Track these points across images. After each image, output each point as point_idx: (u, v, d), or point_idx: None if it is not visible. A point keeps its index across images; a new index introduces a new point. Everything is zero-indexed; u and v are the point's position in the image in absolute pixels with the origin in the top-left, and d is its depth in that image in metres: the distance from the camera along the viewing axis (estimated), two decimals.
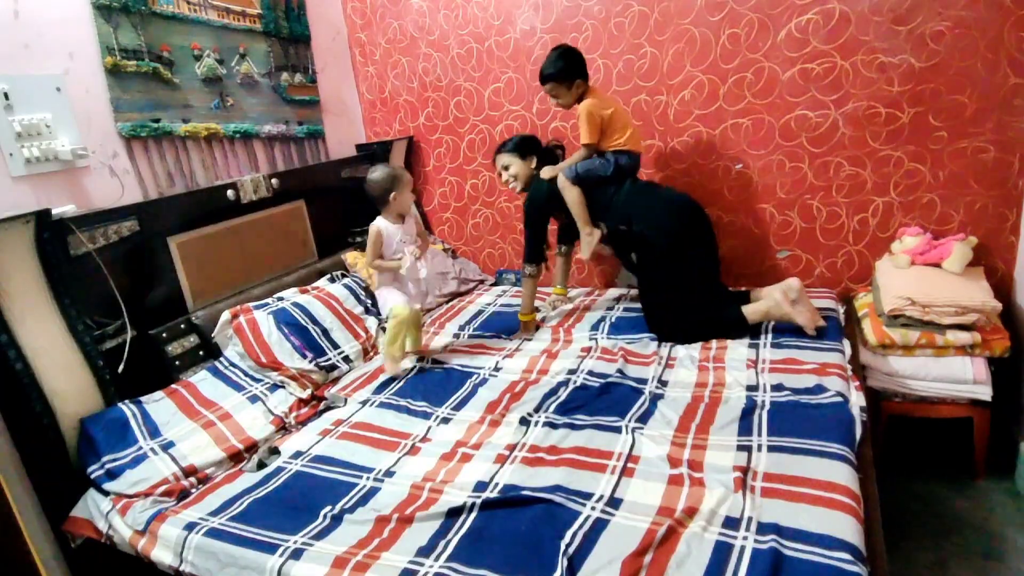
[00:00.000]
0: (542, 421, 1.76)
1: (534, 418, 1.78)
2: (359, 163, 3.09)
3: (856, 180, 2.38)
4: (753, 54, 2.39)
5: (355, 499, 1.53)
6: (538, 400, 1.88)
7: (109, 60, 2.03)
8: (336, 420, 1.93)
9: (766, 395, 1.75)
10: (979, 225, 2.25)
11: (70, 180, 1.94)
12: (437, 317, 2.72)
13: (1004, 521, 1.89)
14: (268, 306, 2.28)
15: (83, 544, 1.69)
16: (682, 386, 1.88)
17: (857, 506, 1.26)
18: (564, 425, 1.73)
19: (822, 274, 2.55)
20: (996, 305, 1.96)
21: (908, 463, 2.18)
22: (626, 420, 1.70)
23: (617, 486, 1.44)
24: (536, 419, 1.78)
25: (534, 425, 1.75)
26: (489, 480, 1.52)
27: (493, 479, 1.53)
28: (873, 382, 2.07)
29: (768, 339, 2.08)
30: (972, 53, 2.11)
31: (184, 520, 1.51)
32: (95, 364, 1.82)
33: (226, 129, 2.46)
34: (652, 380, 1.93)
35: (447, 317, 2.71)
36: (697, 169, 2.63)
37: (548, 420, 1.76)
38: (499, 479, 1.52)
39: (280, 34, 2.73)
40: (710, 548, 1.21)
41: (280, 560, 1.33)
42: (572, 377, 2.00)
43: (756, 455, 1.48)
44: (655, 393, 1.86)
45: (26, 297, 1.69)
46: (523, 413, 1.81)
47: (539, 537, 1.29)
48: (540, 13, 2.72)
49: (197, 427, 1.82)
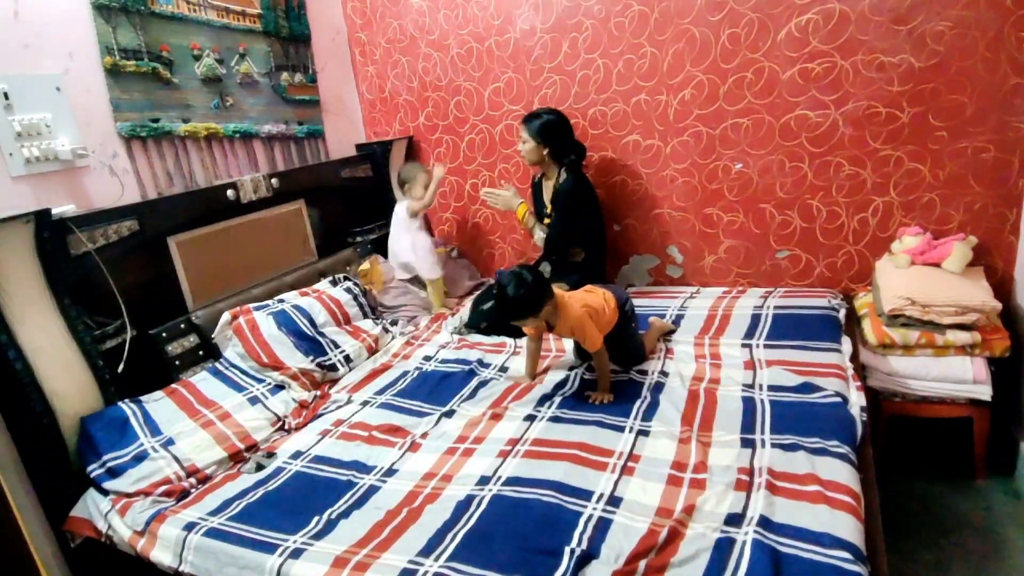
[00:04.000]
0: (548, 416, 1.77)
1: (541, 412, 1.79)
2: (359, 163, 3.09)
3: (856, 180, 2.38)
4: (753, 54, 2.39)
5: (355, 498, 1.53)
6: (538, 399, 1.89)
7: (109, 60, 2.03)
8: (336, 420, 1.93)
9: (764, 393, 1.75)
10: (979, 225, 2.24)
11: (70, 180, 1.94)
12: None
13: (1004, 521, 1.89)
14: (268, 307, 2.28)
15: (83, 544, 1.69)
16: (679, 380, 1.90)
17: (857, 505, 1.26)
18: (568, 420, 1.74)
19: (822, 274, 2.55)
20: (996, 305, 1.96)
21: (908, 463, 2.18)
22: (630, 419, 1.71)
23: (617, 485, 1.44)
24: (542, 414, 1.79)
25: (539, 420, 1.76)
26: (492, 474, 1.53)
27: (496, 472, 1.54)
28: (873, 382, 2.07)
29: (762, 339, 2.09)
30: (972, 53, 2.10)
31: (184, 520, 1.51)
32: (95, 364, 1.82)
33: (226, 129, 2.46)
34: (653, 373, 1.94)
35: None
36: (697, 169, 2.63)
37: (554, 416, 1.77)
38: (502, 472, 1.53)
39: (280, 34, 2.73)
40: (711, 546, 1.21)
41: (280, 560, 1.32)
42: (570, 374, 2.02)
43: (760, 452, 1.48)
44: (655, 385, 1.88)
45: (26, 297, 1.69)
46: (526, 410, 1.83)
47: (541, 538, 1.29)
48: (540, 13, 2.72)
49: (197, 426, 1.82)
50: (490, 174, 3.09)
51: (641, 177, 2.75)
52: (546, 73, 2.79)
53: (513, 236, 3.17)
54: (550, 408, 1.83)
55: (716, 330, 2.22)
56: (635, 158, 2.73)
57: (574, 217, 2.50)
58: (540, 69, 2.80)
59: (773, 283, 2.63)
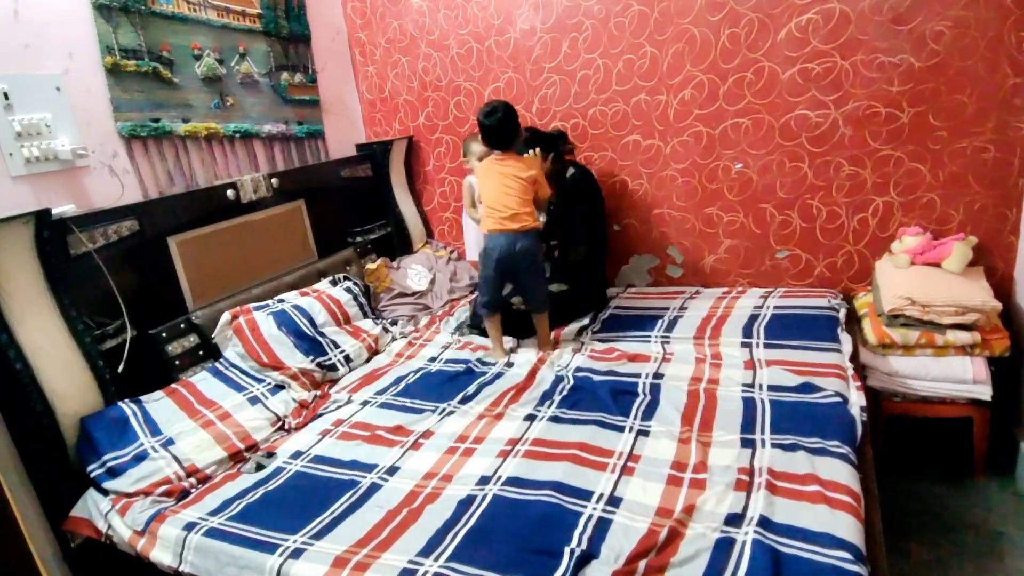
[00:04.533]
0: (547, 416, 1.77)
1: (541, 412, 1.79)
2: (359, 163, 3.09)
3: (856, 180, 2.38)
4: (753, 54, 2.39)
5: (356, 497, 1.53)
6: (538, 399, 1.89)
7: (109, 60, 2.03)
8: (336, 420, 1.93)
9: (764, 393, 1.75)
10: (979, 225, 2.25)
11: (70, 180, 1.94)
12: None
13: (1004, 521, 1.89)
14: (268, 307, 2.28)
15: (83, 544, 1.69)
16: (679, 380, 1.89)
17: (857, 505, 1.26)
18: (569, 420, 1.74)
19: (822, 274, 2.55)
20: (996, 305, 1.96)
21: (908, 463, 2.18)
22: (630, 419, 1.71)
23: (617, 485, 1.44)
24: (542, 414, 1.79)
25: (539, 420, 1.76)
26: (492, 474, 1.53)
27: (496, 472, 1.54)
28: (873, 382, 2.07)
29: (762, 339, 2.09)
30: (972, 53, 2.11)
31: (184, 520, 1.51)
32: (95, 364, 1.82)
33: (226, 129, 2.46)
34: (648, 376, 1.94)
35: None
36: (697, 169, 2.63)
37: (553, 415, 1.77)
38: (502, 472, 1.53)
39: (280, 34, 2.73)
40: (711, 546, 1.21)
41: (280, 560, 1.32)
42: (567, 374, 2.02)
43: (760, 451, 1.48)
44: (653, 385, 1.88)
45: (26, 297, 1.69)
46: (526, 410, 1.83)
47: (540, 538, 1.29)
48: (540, 13, 2.72)
49: (197, 426, 1.82)
50: None
51: (641, 177, 2.75)
52: (546, 73, 2.80)
53: None
54: (550, 408, 1.83)
55: (714, 330, 2.22)
56: (635, 158, 2.73)
57: (577, 204, 2.48)
58: (540, 69, 2.80)
59: (773, 283, 2.63)
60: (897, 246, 2.28)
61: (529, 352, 2.27)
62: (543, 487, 1.45)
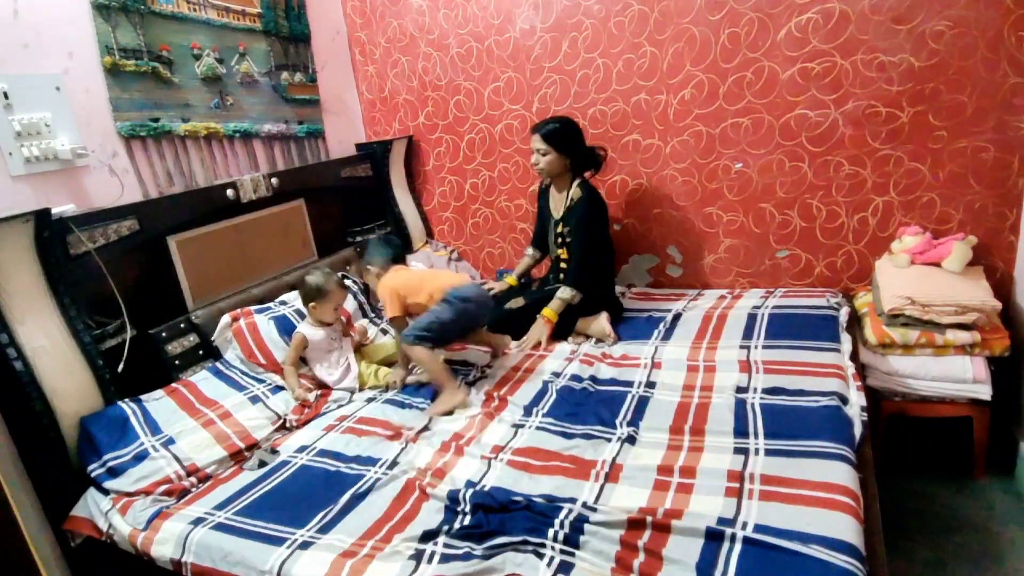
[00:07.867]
0: (535, 425, 1.76)
1: (528, 421, 1.78)
2: (359, 162, 3.09)
3: (856, 179, 2.38)
4: (753, 53, 2.39)
5: (360, 491, 1.54)
6: (528, 401, 1.89)
7: (108, 59, 2.02)
8: (340, 416, 1.94)
9: (758, 397, 1.73)
10: (979, 224, 2.25)
11: (69, 179, 1.94)
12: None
13: (1004, 521, 1.89)
14: (269, 310, 2.28)
15: (83, 543, 1.69)
16: (671, 388, 1.86)
17: (857, 506, 1.26)
18: (555, 431, 1.71)
19: (822, 273, 2.56)
20: (996, 304, 1.97)
21: (908, 463, 2.18)
22: (617, 427, 1.69)
23: (601, 492, 1.43)
24: (529, 423, 1.77)
25: (526, 428, 1.75)
26: (478, 481, 1.52)
27: (481, 480, 1.52)
28: (873, 381, 2.07)
29: (761, 340, 2.08)
30: (972, 53, 2.11)
31: (187, 516, 1.51)
32: (95, 363, 1.82)
33: (226, 128, 2.45)
34: (639, 385, 1.91)
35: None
36: (697, 168, 2.63)
37: (540, 425, 1.76)
38: (486, 481, 1.52)
39: (280, 33, 2.73)
40: (699, 545, 1.20)
41: (287, 551, 1.34)
42: (557, 378, 2.02)
43: (753, 459, 1.47)
44: (643, 396, 1.85)
45: (26, 297, 1.69)
46: (514, 415, 1.83)
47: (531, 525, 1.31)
48: (540, 12, 2.72)
49: (198, 425, 1.82)
50: (490, 174, 3.09)
51: (641, 177, 2.75)
52: (546, 73, 2.79)
53: (513, 236, 3.17)
54: (537, 417, 1.80)
55: (712, 334, 2.19)
56: (635, 158, 2.74)
57: (593, 240, 2.40)
58: (540, 68, 2.80)
59: (773, 283, 2.63)
60: (897, 246, 2.28)
61: None
62: (527, 493, 1.44)
